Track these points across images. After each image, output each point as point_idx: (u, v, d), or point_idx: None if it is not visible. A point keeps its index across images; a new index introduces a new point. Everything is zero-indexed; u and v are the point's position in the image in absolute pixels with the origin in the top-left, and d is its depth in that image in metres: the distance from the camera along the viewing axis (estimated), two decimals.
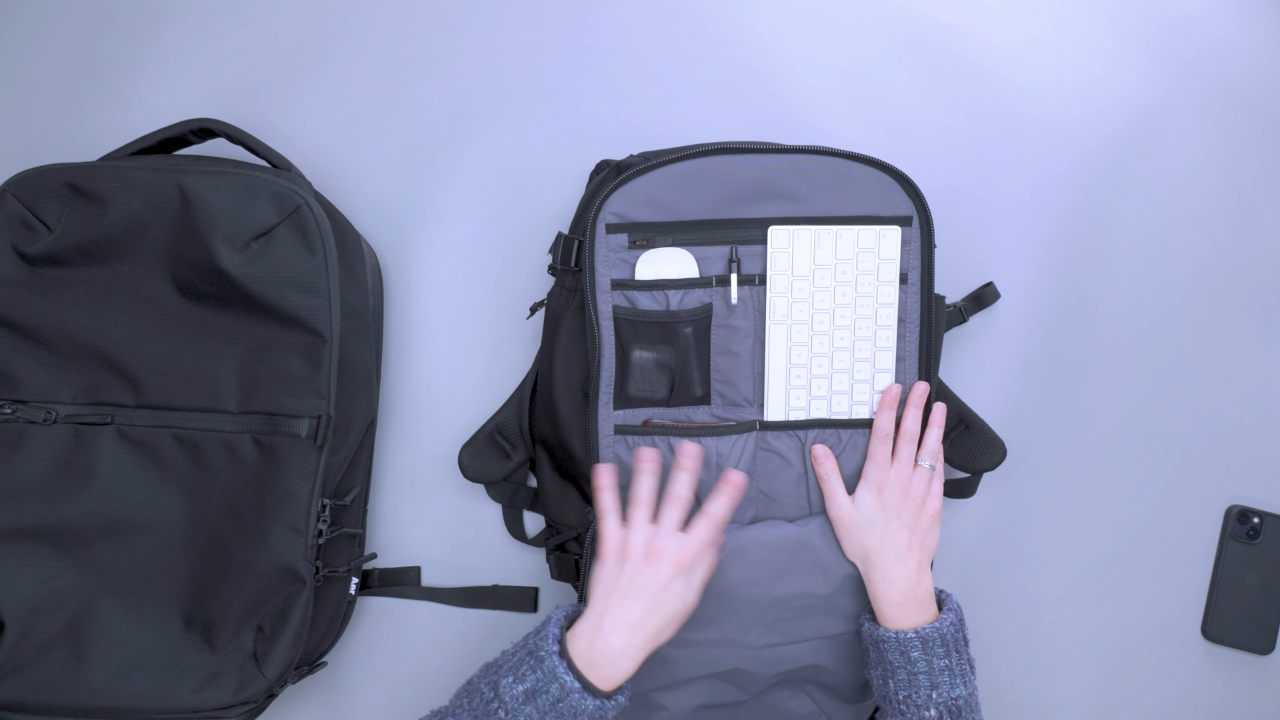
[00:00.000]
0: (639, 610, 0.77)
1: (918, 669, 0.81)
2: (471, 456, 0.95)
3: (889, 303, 0.89)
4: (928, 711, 0.81)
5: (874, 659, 0.84)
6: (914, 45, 1.04)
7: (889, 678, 0.83)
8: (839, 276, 0.88)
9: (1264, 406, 1.01)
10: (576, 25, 1.04)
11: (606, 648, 0.75)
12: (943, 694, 0.81)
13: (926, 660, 0.81)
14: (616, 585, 0.78)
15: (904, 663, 0.82)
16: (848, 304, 0.89)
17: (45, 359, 0.86)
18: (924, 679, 0.81)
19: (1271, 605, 0.99)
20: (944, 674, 0.81)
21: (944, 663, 0.81)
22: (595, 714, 0.74)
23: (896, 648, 0.82)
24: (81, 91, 1.04)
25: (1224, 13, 1.03)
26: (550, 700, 0.73)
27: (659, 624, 0.77)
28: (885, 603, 0.84)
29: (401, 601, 1.00)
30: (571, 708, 0.73)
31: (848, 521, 0.86)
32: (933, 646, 0.81)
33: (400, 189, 1.03)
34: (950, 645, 0.82)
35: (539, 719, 0.73)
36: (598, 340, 0.87)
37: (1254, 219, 1.02)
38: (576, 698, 0.73)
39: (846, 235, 0.88)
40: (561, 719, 0.73)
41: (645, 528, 0.80)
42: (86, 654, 0.82)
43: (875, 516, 0.85)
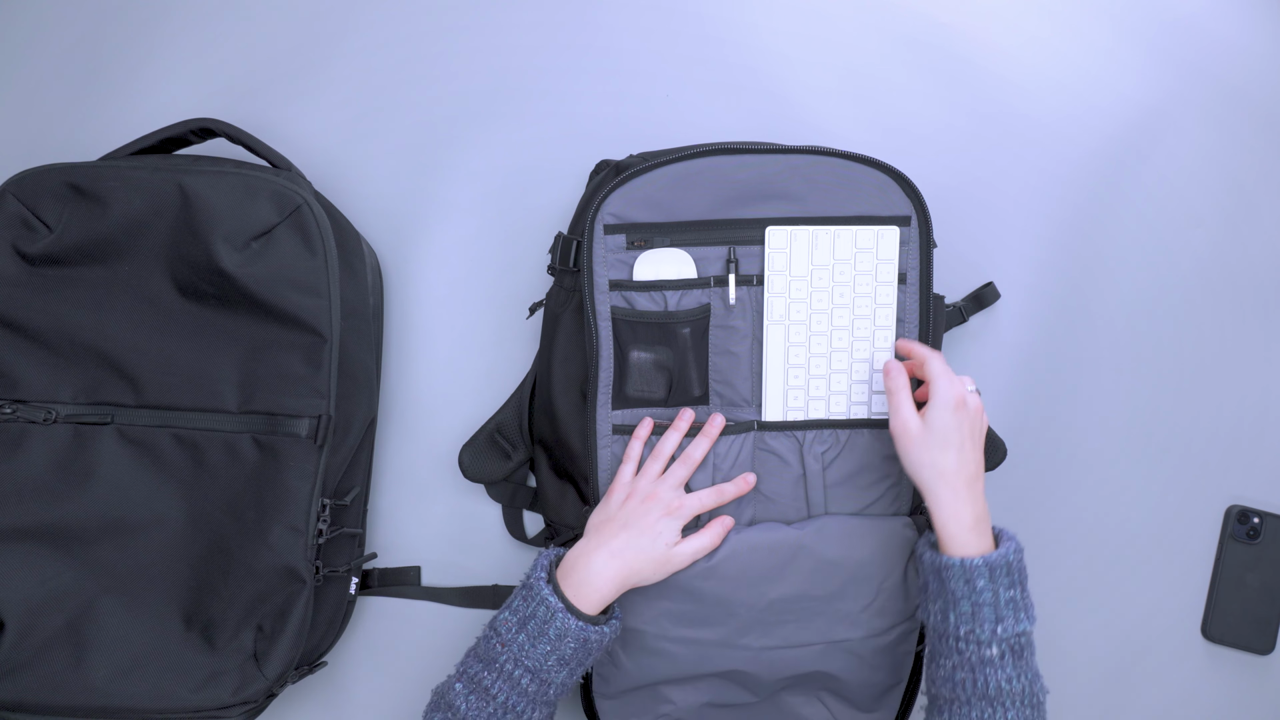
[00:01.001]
0: (624, 538, 0.82)
1: (983, 599, 0.76)
2: (471, 456, 0.95)
3: (888, 303, 0.89)
4: (990, 649, 0.76)
5: (934, 591, 0.79)
6: (914, 45, 1.04)
7: (950, 610, 0.77)
8: (837, 277, 0.88)
9: (1264, 406, 1.01)
10: (576, 25, 1.04)
11: (587, 565, 0.81)
12: (1008, 628, 0.75)
13: (993, 590, 0.76)
14: (610, 516, 0.84)
15: (968, 593, 0.76)
16: (846, 304, 0.89)
17: (45, 359, 0.86)
18: (989, 611, 0.76)
19: (1271, 605, 0.99)
20: (1009, 607, 0.76)
21: (1010, 594, 0.76)
22: (579, 635, 0.78)
23: (962, 575, 0.76)
24: (81, 91, 1.04)
25: (1224, 13, 1.03)
26: (539, 624, 0.78)
27: (639, 557, 0.82)
28: (958, 526, 0.78)
29: (401, 601, 1.00)
30: (558, 629, 0.78)
31: (918, 437, 0.80)
32: (999, 575, 0.76)
33: (400, 189, 1.03)
34: (1016, 575, 0.77)
35: (530, 645, 0.78)
36: (596, 341, 0.87)
37: (1254, 219, 1.02)
38: (562, 618, 0.78)
39: (844, 235, 0.88)
40: (549, 642, 0.78)
41: (653, 477, 0.86)
42: (86, 654, 0.82)
43: (949, 435, 0.79)
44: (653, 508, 0.84)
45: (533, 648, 0.78)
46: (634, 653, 0.87)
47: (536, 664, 0.78)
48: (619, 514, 0.84)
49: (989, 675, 0.76)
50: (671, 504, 0.84)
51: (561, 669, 0.79)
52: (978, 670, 0.76)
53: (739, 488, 0.87)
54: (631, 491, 0.85)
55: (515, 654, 0.78)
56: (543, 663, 0.78)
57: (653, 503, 0.84)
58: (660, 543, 0.83)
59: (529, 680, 0.78)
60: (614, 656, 0.88)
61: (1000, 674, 0.76)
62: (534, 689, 0.78)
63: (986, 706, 0.76)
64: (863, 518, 0.88)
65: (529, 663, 0.78)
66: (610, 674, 0.88)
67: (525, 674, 0.78)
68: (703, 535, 0.85)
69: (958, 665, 0.77)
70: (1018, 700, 0.75)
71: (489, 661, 0.79)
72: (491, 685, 0.78)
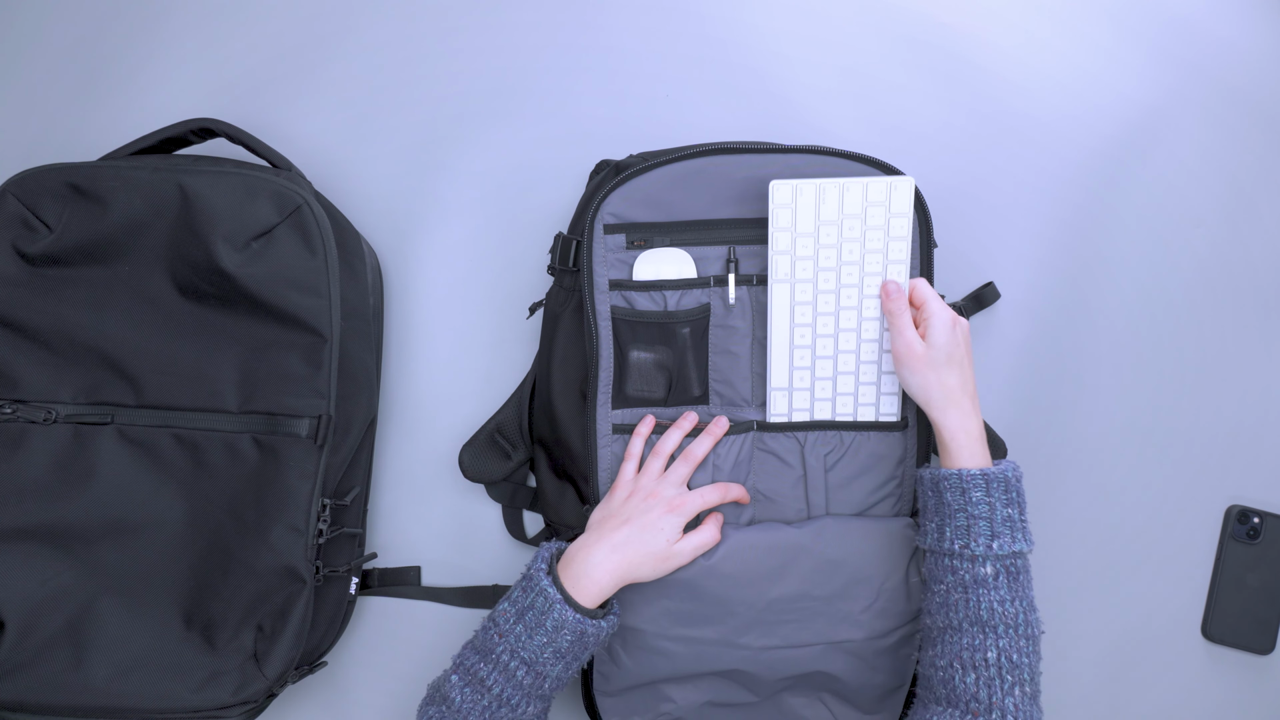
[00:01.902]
0: (625, 533, 0.82)
1: (978, 513, 0.75)
2: (471, 456, 0.95)
3: (900, 259, 0.83)
4: (984, 567, 0.75)
5: (931, 507, 0.80)
6: (914, 45, 1.04)
7: (946, 524, 0.77)
8: (846, 232, 0.83)
9: (1264, 406, 1.01)
10: (577, 25, 1.04)
11: (587, 559, 0.81)
12: (1004, 545, 0.75)
13: (988, 503, 0.75)
14: (612, 512, 0.85)
15: (963, 504, 0.76)
16: (855, 261, 0.83)
17: (45, 359, 0.86)
18: (984, 525, 0.75)
19: (1271, 605, 0.99)
20: (1006, 525, 0.75)
21: (1007, 511, 0.75)
22: (576, 628, 0.78)
23: (958, 485, 0.77)
24: (81, 91, 1.04)
25: (1224, 13, 1.03)
26: (536, 615, 0.78)
27: (639, 553, 0.82)
28: (966, 438, 0.79)
29: (401, 601, 1.00)
30: (555, 621, 0.78)
31: (923, 356, 0.81)
32: (996, 489, 0.76)
33: (400, 189, 1.03)
34: (1014, 494, 0.76)
35: (527, 636, 0.78)
36: (595, 340, 0.87)
37: (1254, 219, 1.02)
38: (559, 609, 0.78)
39: (854, 189, 0.82)
40: (546, 634, 0.78)
41: (655, 475, 0.86)
42: (86, 654, 0.82)
43: (953, 352, 0.80)
44: (655, 504, 0.84)
45: (529, 639, 0.78)
46: (634, 651, 0.87)
47: (533, 656, 0.78)
48: (621, 510, 0.84)
49: (982, 596, 0.75)
50: (674, 501, 0.84)
51: (557, 662, 0.79)
52: (971, 590, 0.75)
53: (741, 492, 0.88)
54: (634, 489, 0.85)
55: (512, 645, 0.78)
56: (539, 654, 0.78)
57: (654, 499, 0.84)
58: (661, 539, 0.83)
59: (524, 672, 0.78)
60: (614, 654, 0.88)
61: (994, 594, 0.75)
62: (529, 681, 0.79)
63: (979, 632, 0.74)
64: (864, 519, 0.88)
65: (525, 654, 0.78)
66: (610, 672, 0.88)
67: (521, 666, 0.78)
68: (702, 531, 0.85)
69: (951, 586, 0.77)
70: (1011, 627, 0.74)
71: (485, 653, 0.79)
72: (487, 677, 0.78)
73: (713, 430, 0.88)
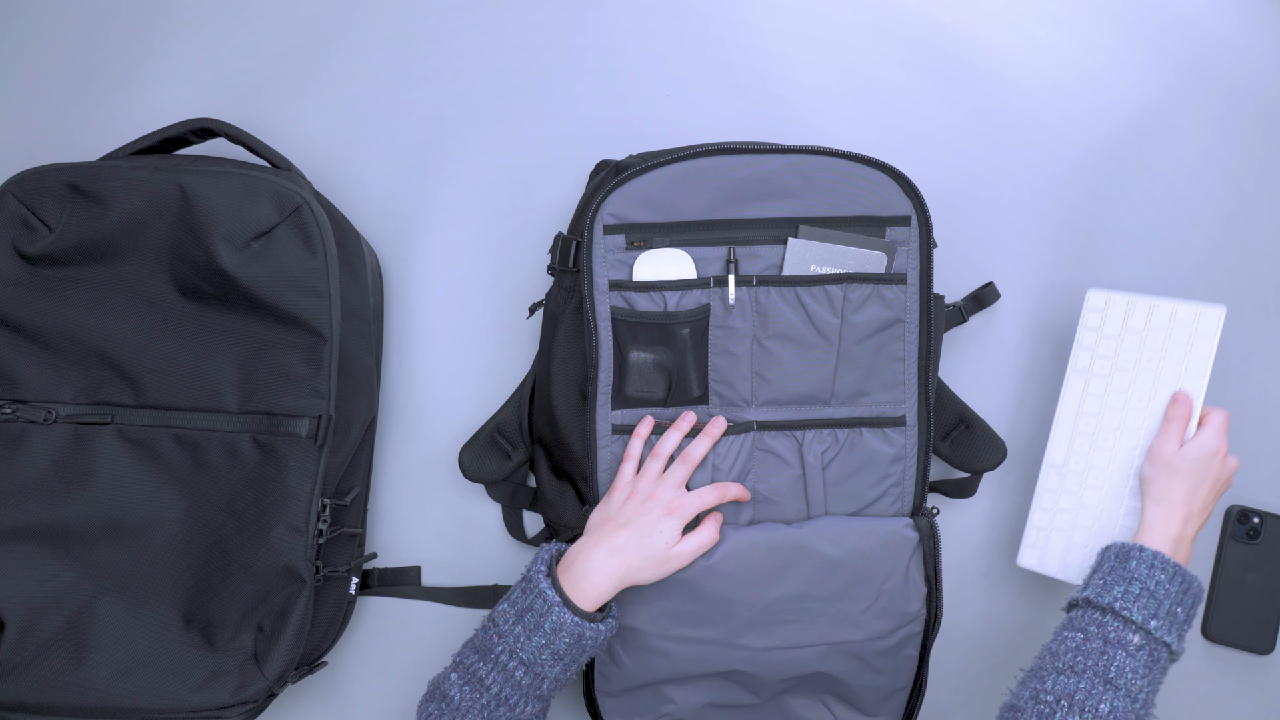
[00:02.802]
0: (624, 536, 0.83)
1: (1157, 592, 0.77)
2: (471, 456, 0.95)
3: (1197, 379, 0.88)
4: (1133, 635, 0.75)
5: (1108, 568, 0.80)
6: (913, 45, 1.04)
7: (1117, 585, 0.78)
8: (1148, 343, 0.89)
9: (1264, 407, 1.01)
10: (577, 25, 1.04)
11: (586, 562, 0.82)
12: (1160, 630, 0.75)
13: (1167, 590, 0.77)
14: (611, 514, 0.85)
15: (1146, 578, 0.77)
16: (1151, 370, 0.89)
17: (45, 359, 0.86)
18: (1152, 604, 0.76)
19: (1271, 605, 0.99)
20: (1170, 618, 0.76)
21: (1177, 610, 0.77)
22: (575, 631, 0.79)
23: (1152, 561, 0.78)
24: (81, 91, 1.04)
25: (1224, 13, 1.03)
26: (535, 617, 0.79)
27: (638, 556, 0.82)
28: (1164, 536, 0.81)
29: (401, 601, 1.00)
30: (554, 623, 0.79)
31: (1167, 463, 0.84)
32: (1177, 584, 0.77)
33: (400, 189, 1.03)
34: (1191, 601, 0.77)
35: (526, 637, 0.79)
36: (595, 341, 0.87)
37: (1254, 219, 1.02)
38: (558, 612, 0.79)
39: (1162, 308, 0.89)
40: (545, 636, 0.79)
41: (653, 477, 0.86)
42: (86, 654, 0.82)
43: (1195, 469, 0.83)
44: (653, 507, 0.84)
45: (528, 640, 0.78)
46: (634, 651, 0.87)
47: (531, 657, 0.78)
48: (619, 513, 0.84)
49: (1119, 657, 0.74)
50: (672, 503, 0.84)
51: (555, 663, 0.79)
52: (1111, 647, 0.75)
53: (741, 490, 0.87)
54: (632, 491, 0.85)
55: (511, 645, 0.79)
56: (537, 656, 0.78)
57: (653, 502, 0.84)
58: (660, 541, 0.83)
59: (523, 673, 0.79)
60: (614, 655, 0.88)
61: (1130, 662, 0.74)
62: (527, 682, 0.79)
63: (1101, 685, 0.73)
64: (864, 518, 0.88)
65: (524, 655, 0.78)
66: (611, 672, 0.88)
67: (519, 666, 0.78)
68: (700, 532, 0.85)
69: (1093, 637, 0.76)
70: (1130, 697, 0.73)
71: (485, 652, 0.80)
72: (486, 676, 0.79)
73: (710, 431, 0.88)
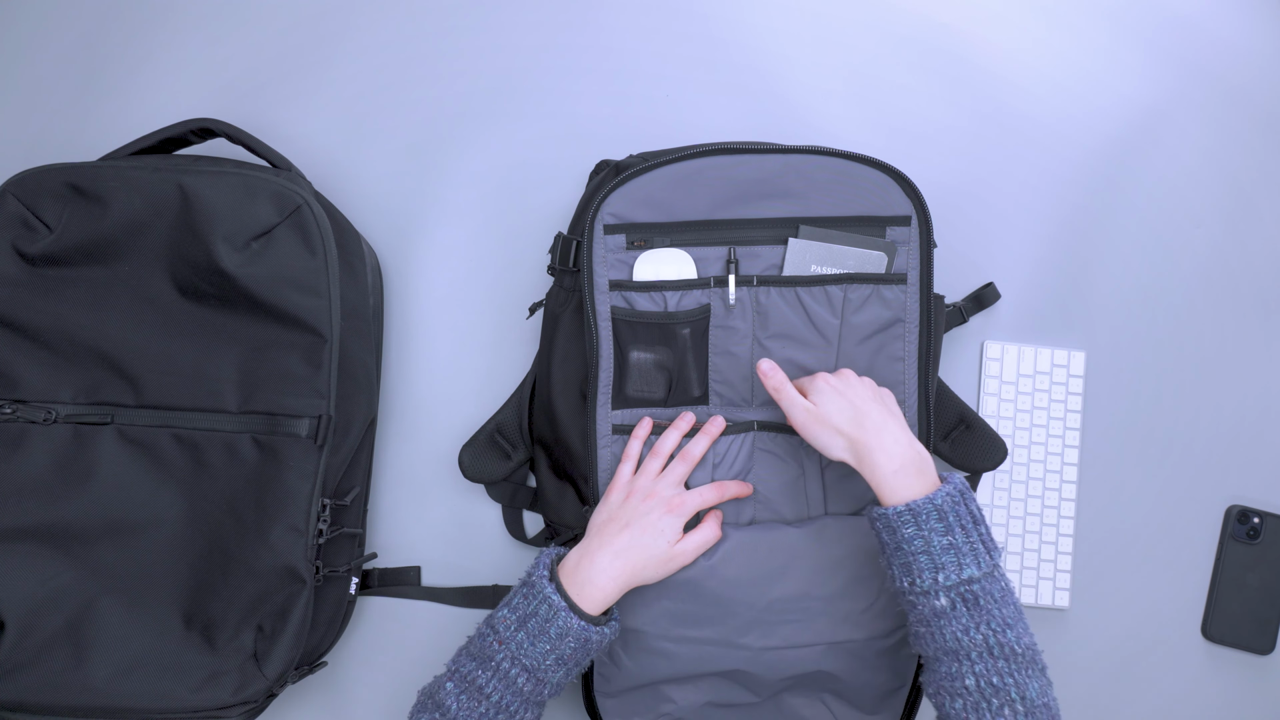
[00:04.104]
0: (626, 537, 0.82)
1: (915, 549, 0.74)
2: (471, 456, 0.95)
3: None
4: (937, 600, 0.73)
5: (879, 547, 0.80)
6: (914, 46, 1.04)
7: (892, 563, 0.76)
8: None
9: (1264, 406, 1.01)
10: (578, 25, 1.04)
11: (591, 565, 0.81)
12: (949, 576, 0.73)
13: (924, 538, 0.74)
14: (612, 516, 0.84)
15: (899, 542, 0.75)
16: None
17: (45, 359, 0.86)
18: (924, 559, 0.73)
19: (1271, 605, 0.99)
20: (948, 553, 0.73)
21: (944, 540, 0.73)
22: (581, 635, 0.78)
23: (886, 525, 0.76)
24: (81, 91, 1.04)
25: (1224, 13, 1.03)
26: (539, 622, 0.78)
27: (642, 556, 0.82)
28: (883, 473, 0.77)
29: (401, 601, 1.00)
30: (559, 629, 0.78)
31: (817, 418, 0.81)
32: (926, 520, 0.74)
33: (400, 189, 1.03)
34: (951, 520, 0.74)
35: (529, 644, 0.78)
36: (596, 341, 0.87)
37: (1254, 219, 1.02)
38: (564, 616, 0.78)
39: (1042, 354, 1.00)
40: (550, 641, 0.78)
41: (652, 475, 0.86)
42: (86, 654, 0.82)
43: (839, 402, 0.81)
44: (654, 506, 0.84)
45: (532, 646, 0.78)
46: (634, 652, 0.87)
47: (535, 663, 0.78)
48: (620, 513, 0.84)
49: (944, 627, 0.73)
50: (672, 501, 0.84)
51: (559, 668, 0.79)
52: (933, 623, 0.74)
53: (740, 487, 0.87)
54: (631, 490, 0.85)
55: (513, 652, 0.78)
56: (541, 662, 0.78)
57: (653, 501, 0.84)
58: (663, 541, 0.83)
59: (525, 679, 0.78)
60: (614, 656, 0.88)
61: (955, 625, 0.73)
62: (529, 688, 0.78)
63: (952, 661, 0.72)
64: (863, 518, 0.88)
65: (527, 661, 0.78)
66: (611, 673, 0.88)
67: (522, 673, 0.78)
68: (702, 530, 0.85)
69: (915, 622, 0.76)
70: (984, 652, 0.72)
71: (484, 660, 0.79)
72: (486, 684, 0.78)
73: (709, 430, 0.88)
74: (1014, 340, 1.02)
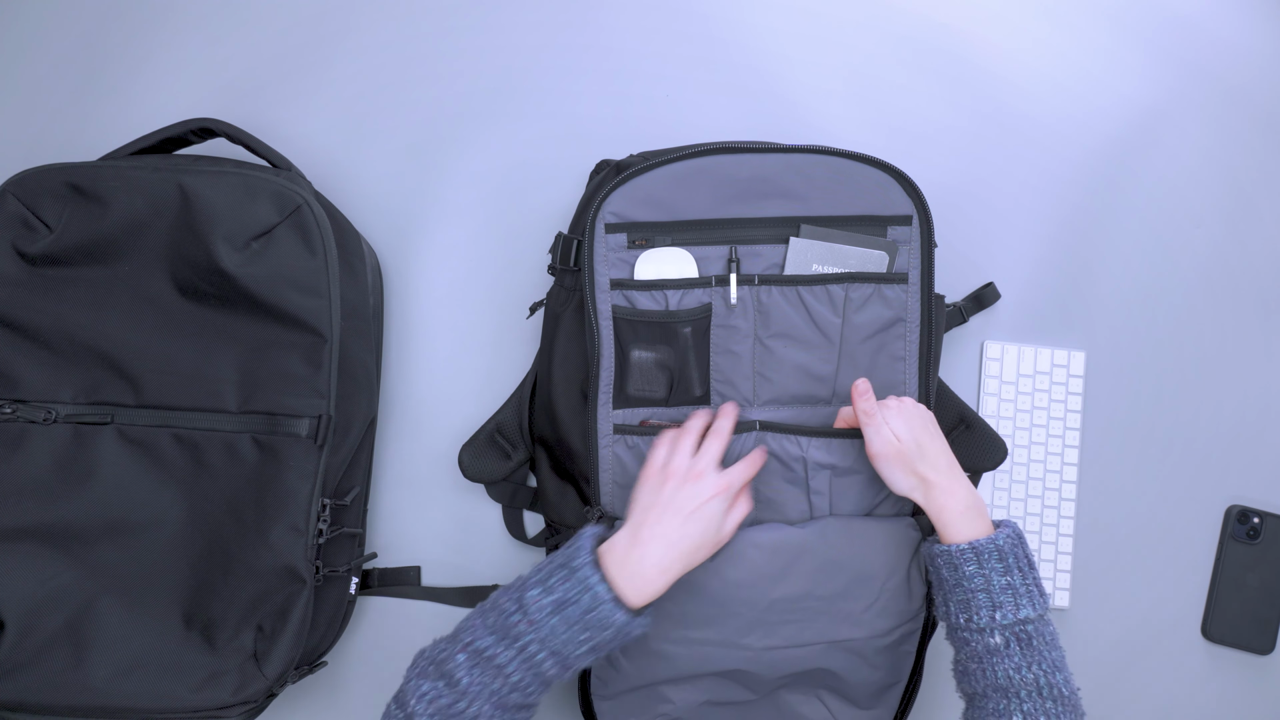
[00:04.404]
0: (677, 525, 0.78)
1: (974, 585, 0.76)
2: (471, 456, 0.95)
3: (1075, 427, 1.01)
4: (992, 638, 0.76)
5: (935, 583, 0.81)
6: (915, 46, 1.04)
7: (950, 599, 0.78)
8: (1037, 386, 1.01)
9: (1264, 406, 1.01)
10: (578, 25, 1.04)
11: (642, 558, 0.76)
12: (1006, 615, 0.75)
13: (984, 576, 0.76)
14: (656, 501, 0.79)
15: (959, 579, 0.77)
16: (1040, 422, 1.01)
17: (45, 359, 0.86)
18: (983, 597, 0.76)
19: (1271, 605, 0.99)
20: (1006, 593, 0.76)
21: (1004, 580, 0.76)
22: (623, 629, 0.74)
23: (948, 562, 0.78)
24: (81, 91, 1.04)
25: (1224, 13, 1.03)
26: (580, 611, 0.73)
27: (694, 543, 0.78)
28: (951, 514, 0.80)
29: (401, 601, 1.00)
30: (601, 619, 0.73)
31: (897, 454, 0.83)
32: (988, 560, 0.77)
33: (400, 189, 1.03)
34: (1010, 561, 0.77)
35: (565, 630, 0.73)
36: (597, 340, 0.87)
37: (1254, 219, 1.02)
38: (608, 608, 0.73)
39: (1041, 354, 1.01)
40: (588, 631, 0.73)
41: (689, 454, 0.82)
42: (86, 653, 0.82)
43: (920, 438, 0.82)
44: (703, 490, 0.79)
45: (567, 634, 0.73)
46: (634, 655, 0.87)
47: (566, 650, 0.74)
48: (663, 498, 0.79)
49: (997, 664, 0.75)
50: (719, 484, 0.80)
51: (590, 656, 0.75)
52: (985, 660, 0.76)
53: (761, 456, 0.86)
54: (671, 472, 0.81)
55: (544, 636, 0.73)
56: (573, 650, 0.74)
57: (702, 484, 0.80)
58: (714, 525, 0.79)
59: (551, 664, 0.74)
60: (613, 659, 0.88)
61: (1008, 663, 0.75)
62: (554, 672, 0.75)
63: (1001, 698, 0.74)
64: (865, 518, 0.88)
65: (556, 646, 0.73)
66: (609, 676, 0.88)
67: (550, 658, 0.74)
68: (739, 506, 0.83)
69: (969, 657, 0.77)
70: (1033, 691, 0.74)
71: (508, 639, 0.74)
72: (508, 664, 0.73)
73: (727, 412, 0.86)
74: (1014, 340, 1.02)
